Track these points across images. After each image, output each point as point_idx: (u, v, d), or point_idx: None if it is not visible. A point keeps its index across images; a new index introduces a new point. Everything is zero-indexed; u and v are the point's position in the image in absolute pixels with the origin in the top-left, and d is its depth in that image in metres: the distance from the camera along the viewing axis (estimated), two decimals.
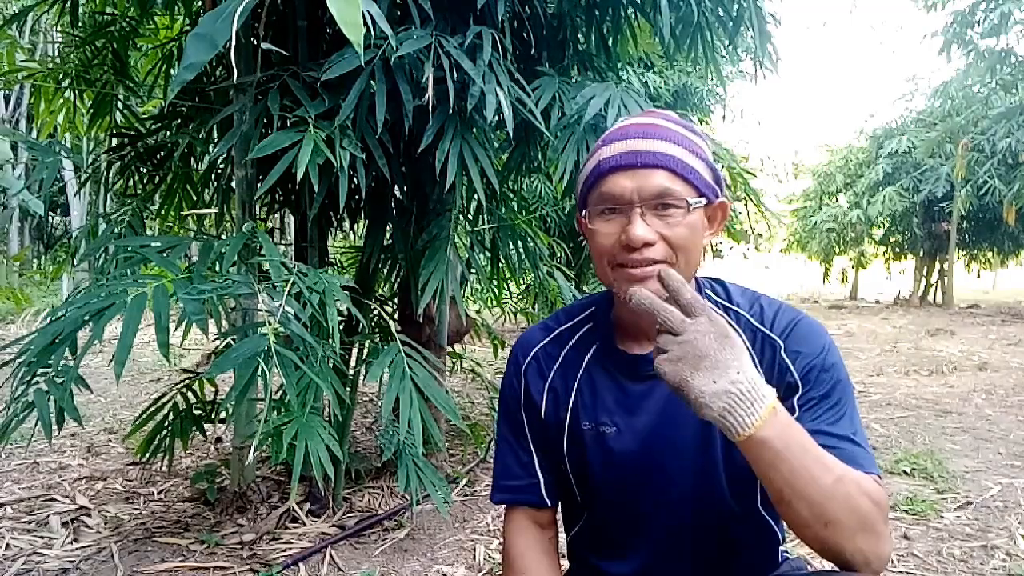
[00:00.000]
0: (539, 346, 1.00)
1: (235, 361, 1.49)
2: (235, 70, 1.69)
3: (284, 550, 2.18)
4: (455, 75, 1.88)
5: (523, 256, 2.88)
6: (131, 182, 2.66)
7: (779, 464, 0.69)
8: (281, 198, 2.77)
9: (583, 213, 0.90)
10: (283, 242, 4.30)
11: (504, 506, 1.02)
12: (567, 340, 0.99)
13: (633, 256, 0.83)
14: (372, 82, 1.89)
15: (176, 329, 1.54)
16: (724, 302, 0.94)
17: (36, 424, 1.47)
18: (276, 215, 3.53)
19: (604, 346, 0.96)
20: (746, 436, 0.68)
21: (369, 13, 1.43)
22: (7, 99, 10.95)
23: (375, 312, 2.56)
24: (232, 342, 1.89)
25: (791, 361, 0.86)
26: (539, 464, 0.99)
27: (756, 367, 0.76)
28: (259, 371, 1.50)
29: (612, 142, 0.87)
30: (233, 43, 1.32)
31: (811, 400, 0.84)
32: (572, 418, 0.96)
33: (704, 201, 0.85)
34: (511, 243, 2.83)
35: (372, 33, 1.57)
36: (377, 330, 2.64)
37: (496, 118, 1.91)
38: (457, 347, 3.56)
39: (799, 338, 0.87)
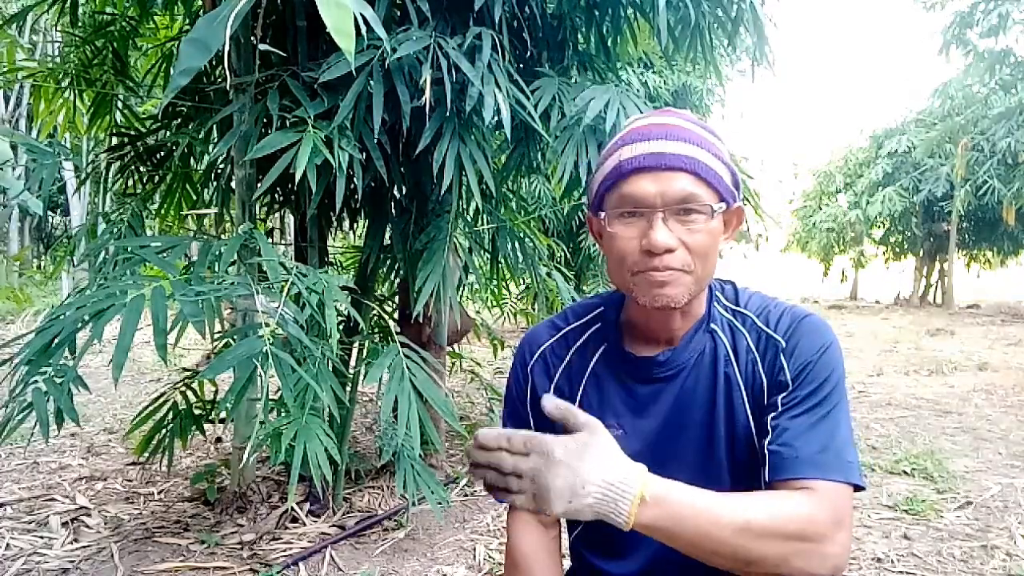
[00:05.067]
0: (545, 345, 1.00)
1: (231, 363, 1.49)
2: (231, 74, 1.69)
3: (284, 550, 2.18)
4: (454, 76, 1.88)
5: (522, 256, 2.88)
6: (131, 182, 2.66)
7: (674, 539, 0.71)
8: (281, 198, 2.77)
9: (601, 216, 0.87)
10: (283, 242, 4.30)
11: (508, 505, 1.02)
12: (573, 341, 0.99)
13: (653, 262, 0.81)
14: (371, 82, 1.89)
15: (173, 330, 1.54)
16: (732, 305, 0.94)
17: (36, 424, 1.47)
18: (276, 215, 3.53)
19: (612, 347, 0.95)
20: (630, 527, 0.69)
21: (363, 16, 1.42)
22: (7, 99, 10.95)
23: (375, 312, 2.56)
24: (232, 341, 1.89)
25: (787, 360, 0.86)
26: None
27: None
28: (256, 373, 1.51)
29: (633, 142, 0.83)
30: (228, 47, 1.32)
31: (794, 399, 0.83)
32: None
33: (725, 206, 0.84)
34: (510, 243, 2.83)
35: (365, 36, 1.56)
36: (377, 330, 2.64)
37: (495, 119, 1.91)
38: (456, 347, 3.57)
39: (799, 337, 0.87)
